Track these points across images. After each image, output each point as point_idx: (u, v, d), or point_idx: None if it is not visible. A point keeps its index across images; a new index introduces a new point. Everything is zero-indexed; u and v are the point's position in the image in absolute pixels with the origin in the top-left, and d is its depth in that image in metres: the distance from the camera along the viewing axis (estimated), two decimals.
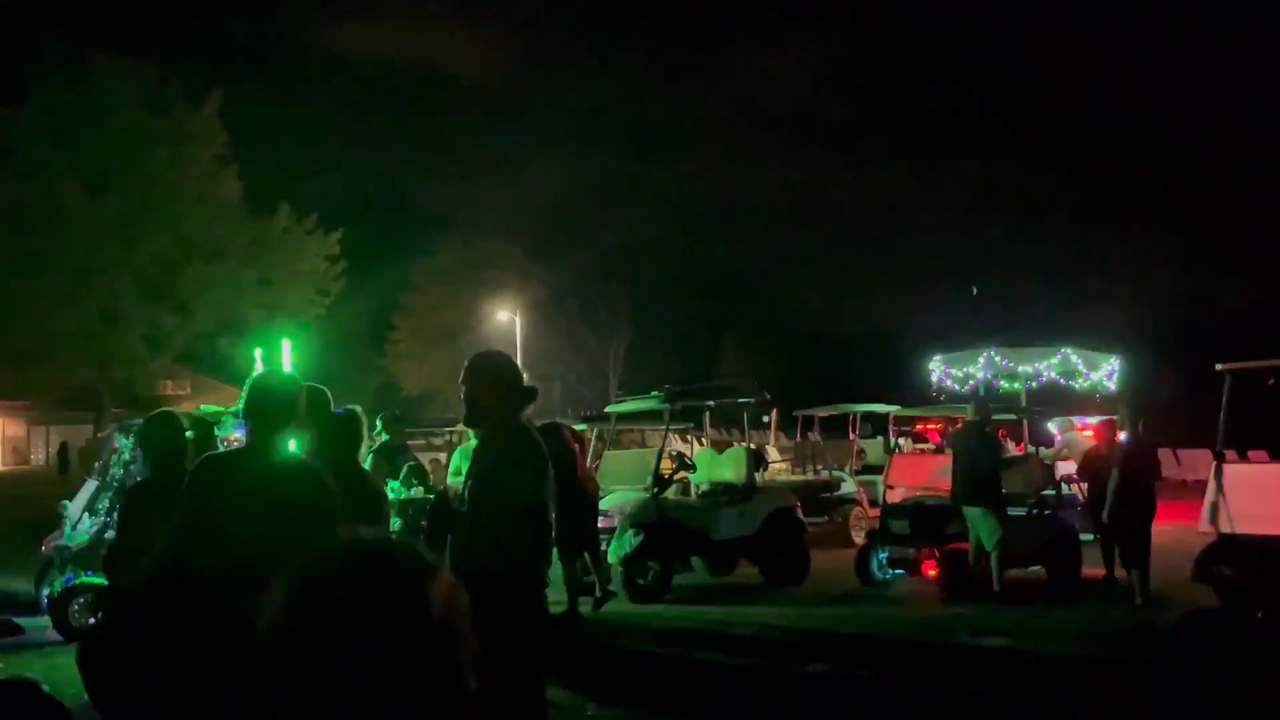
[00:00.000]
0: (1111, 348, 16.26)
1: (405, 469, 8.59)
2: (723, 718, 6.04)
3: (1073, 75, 61.97)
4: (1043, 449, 13.08)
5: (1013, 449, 13.87)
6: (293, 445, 3.51)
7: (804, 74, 71.20)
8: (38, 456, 41.43)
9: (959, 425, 10.99)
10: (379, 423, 8.93)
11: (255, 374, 3.49)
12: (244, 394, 3.35)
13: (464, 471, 8.85)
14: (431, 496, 7.92)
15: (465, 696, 1.00)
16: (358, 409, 4.77)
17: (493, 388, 3.74)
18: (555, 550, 8.21)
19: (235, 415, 5.68)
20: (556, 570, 8.80)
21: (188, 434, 4.78)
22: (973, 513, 9.61)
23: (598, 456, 13.00)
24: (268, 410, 3.27)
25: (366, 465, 5.29)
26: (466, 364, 3.86)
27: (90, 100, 30.96)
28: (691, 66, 73.77)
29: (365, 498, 4.12)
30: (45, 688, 3.81)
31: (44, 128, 30.22)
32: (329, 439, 4.20)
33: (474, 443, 9.38)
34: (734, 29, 73.75)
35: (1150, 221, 47.38)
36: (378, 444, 8.50)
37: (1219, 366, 8.56)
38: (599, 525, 10.13)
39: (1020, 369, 14.69)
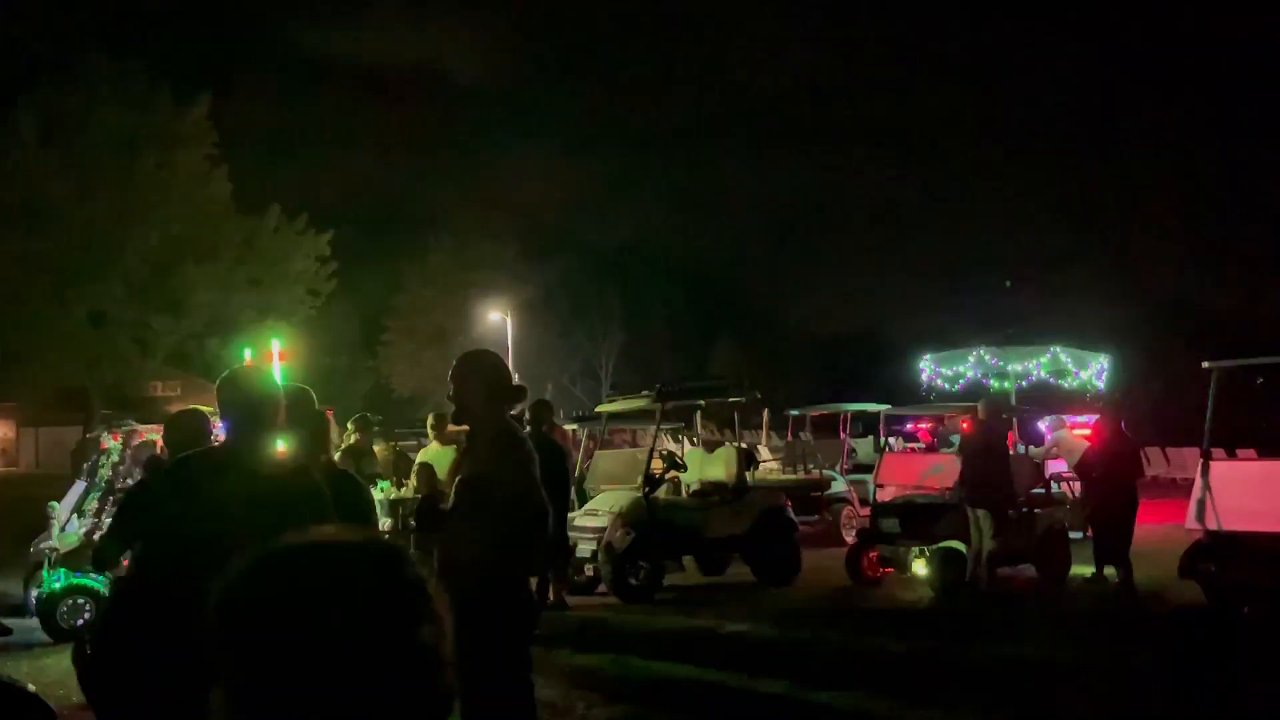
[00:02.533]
0: (1101, 346, 16.32)
1: (417, 466, 8.62)
2: (713, 717, 6.05)
3: (1067, 76, 62.19)
4: (1032, 447, 13.11)
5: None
6: (280, 445, 3.47)
7: (797, 75, 71.30)
8: (27, 458, 41.25)
9: (966, 424, 10.98)
10: (349, 425, 8.92)
11: (230, 371, 3.42)
12: (220, 391, 3.26)
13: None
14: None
15: (443, 690, 1.00)
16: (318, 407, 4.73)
17: (480, 386, 3.74)
18: None
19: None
20: None
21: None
22: (980, 513, 9.63)
23: (589, 456, 13.00)
24: (251, 407, 3.20)
25: None
26: (454, 363, 3.86)
27: (79, 101, 30.87)
28: (684, 66, 73.86)
29: (347, 496, 4.10)
30: (32, 688, 3.80)
31: (32, 129, 30.13)
32: (304, 438, 4.18)
33: (435, 446, 9.39)
34: (728, 28, 73.84)
35: (1140, 220, 47.57)
36: (344, 445, 8.48)
37: (1205, 364, 8.59)
38: (590, 526, 10.14)
39: (1010, 368, 14.73)
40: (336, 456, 6.78)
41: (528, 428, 8.90)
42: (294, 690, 0.93)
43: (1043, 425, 14.34)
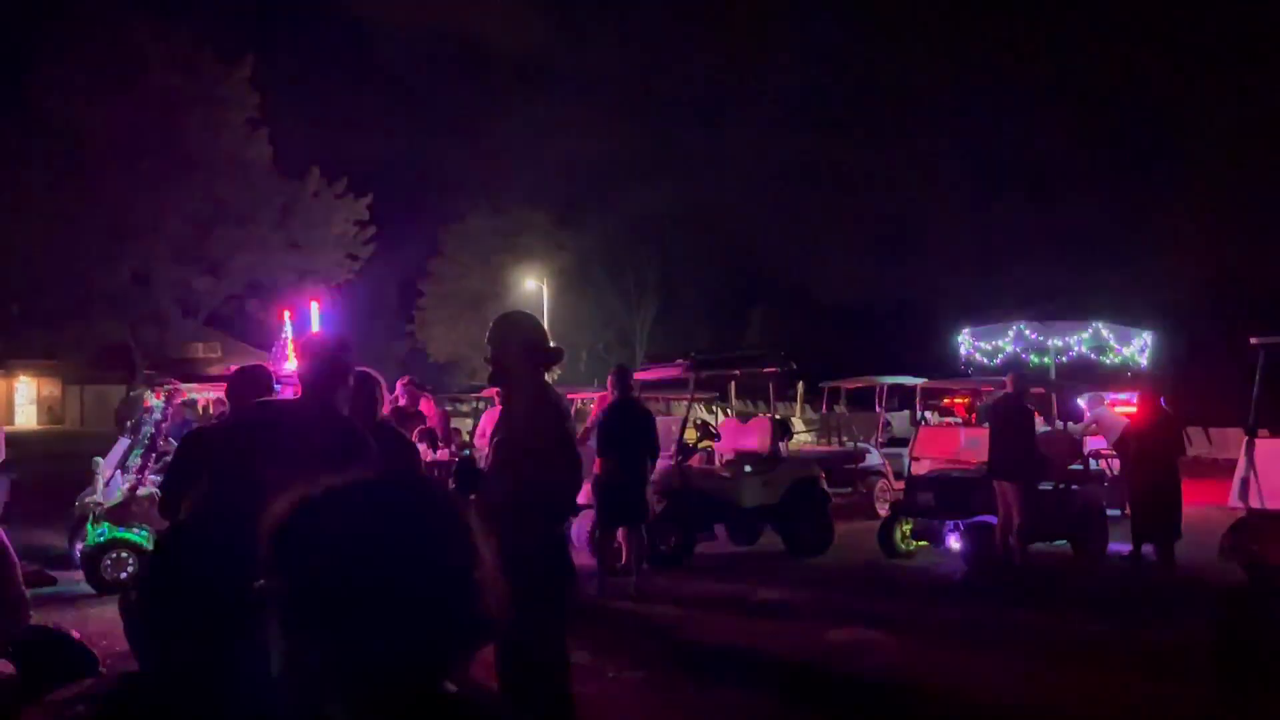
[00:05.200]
0: (1144, 322, 16.06)
1: (416, 431, 8.71)
2: (742, 684, 6.08)
3: (1105, 47, 60.81)
4: (1071, 424, 12.96)
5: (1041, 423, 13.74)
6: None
7: (837, 44, 70.34)
8: (72, 415, 42.11)
9: (996, 396, 10.90)
10: (399, 388, 9.04)
11: (306, 335, 3.54)
12: (297, 352, 3.37)
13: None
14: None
15: (485, 612, 1.05)
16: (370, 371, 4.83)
17: (518, 347, 3.75)
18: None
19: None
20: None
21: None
22: (1006, 487, 9.57)
23: None
24: (315, 366, 3.30)
25: None
26: (492, 324, 3.86)
27: (123, 63, 31.12)
28: (723, 35, 73.04)
29: (394, 451, 4.15)
30: (77, 635, 3.89)
31: (78, 89, 30.43)
32: (361, 397, 4.26)
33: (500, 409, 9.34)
34: None
35: (1186, 194, 46.59)
36: (391, 408, 8.60)
37: (1253, 340, 8.42)
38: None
39: (1050, 343, 14.54)
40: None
41: (614, 392, 8.78)
42: (346, 610, 1.00)
43: (1082, 402, 14.15)
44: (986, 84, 67.37)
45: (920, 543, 10.61)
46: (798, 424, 19.94)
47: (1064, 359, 14.84)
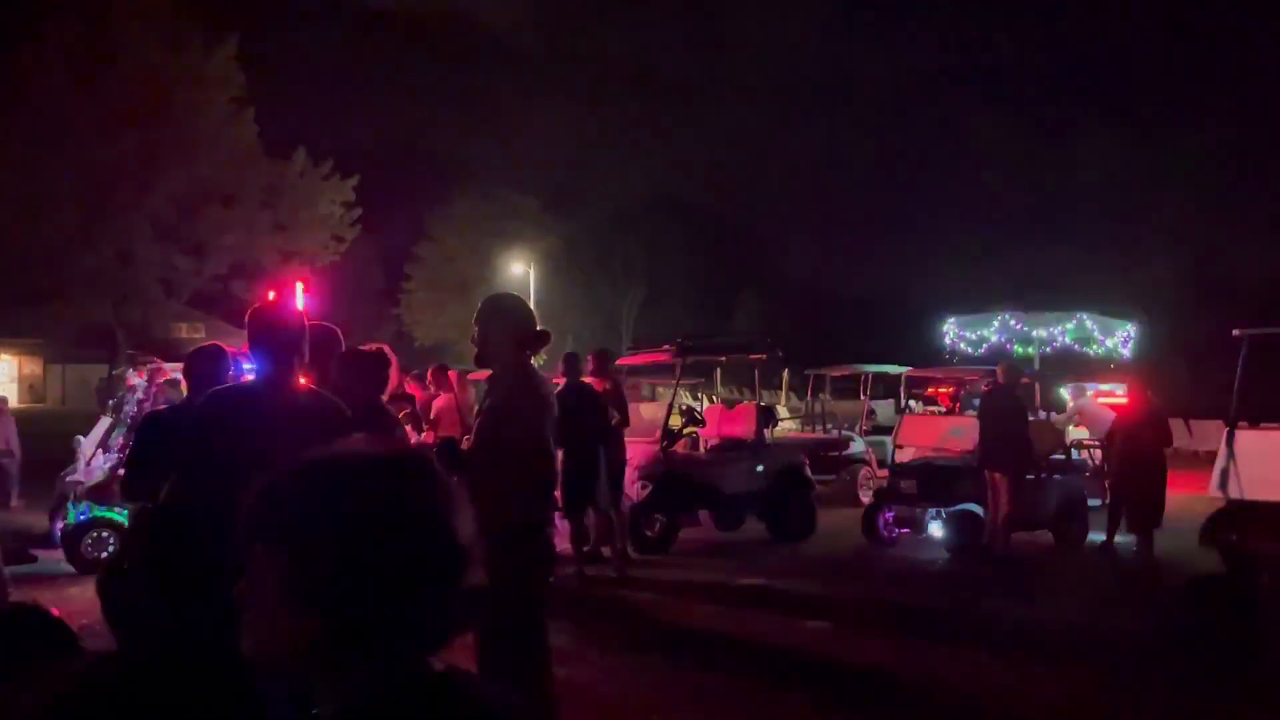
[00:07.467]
0: (1129, 313, 16.14)
1: (402, 414, 8.69)
2: (724, 668, 6.10)
3: (1090, 35, 60.90)
4: (1054, 414, 13.04)
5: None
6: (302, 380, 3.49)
7: (823, 31, 70.16)
8: (54, 394, 41.83)
9: (986, 388, 10.93)
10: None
11: (257, 305, 3.44)
12: (249, 324, 3.28)
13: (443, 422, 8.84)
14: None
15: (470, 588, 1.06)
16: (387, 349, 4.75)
17: (505, 329, 3.73)
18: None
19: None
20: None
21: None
22: (996, 477, 9.61)
23: None
24: (276, 339, 3.23)
25: None
26: (480, 305, 3.84)
27: (107, 39, 30.78)
28: (712, 20, 72.75)
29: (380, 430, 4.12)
30: (56, 612, 3.86)
31: (61, 66, 30.09)
32: (354, 375, 4.22)
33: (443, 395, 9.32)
34: None
35: (1170, 186, 46.74)
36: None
37: (1236, 331, 8.46)
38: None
39: (1035, 333, 14.60)
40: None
41: (566, 377, 8.81)
42: (337, 581, 1.01)
43: (1065, 392, 14.22)
44: (973, 71, 67.43)
45: (903, 530, 10.66)
46: (783, 411, 19.95)
47: (1048, 349, 14.91)
